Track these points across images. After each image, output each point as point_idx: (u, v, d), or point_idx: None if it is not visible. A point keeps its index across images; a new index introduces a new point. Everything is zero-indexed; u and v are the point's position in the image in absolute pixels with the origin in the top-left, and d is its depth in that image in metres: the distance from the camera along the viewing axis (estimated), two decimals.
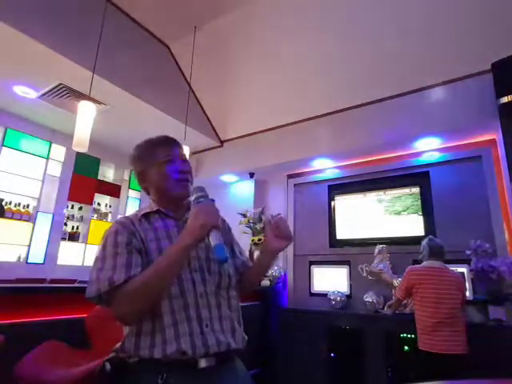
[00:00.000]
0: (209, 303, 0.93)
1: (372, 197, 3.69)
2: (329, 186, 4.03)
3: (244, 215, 4.09)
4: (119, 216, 4.87)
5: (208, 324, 0.90)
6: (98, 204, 4.74)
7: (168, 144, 1.06)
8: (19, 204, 3.87)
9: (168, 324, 0.87)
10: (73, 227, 4.40)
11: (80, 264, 4.30)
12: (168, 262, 0.85)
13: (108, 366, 0.93)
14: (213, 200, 0.93)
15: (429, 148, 3.37)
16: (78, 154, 4.21)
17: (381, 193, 3.64)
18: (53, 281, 3.51)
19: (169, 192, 1.02)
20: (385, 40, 3.02)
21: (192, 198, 0.94)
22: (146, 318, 0.88)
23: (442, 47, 2.86)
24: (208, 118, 4.34)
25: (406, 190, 3.50)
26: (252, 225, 4.04)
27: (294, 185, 4.30)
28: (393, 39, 2.99)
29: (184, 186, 1.02)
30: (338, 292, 3.39)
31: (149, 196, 1.09)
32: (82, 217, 4.50)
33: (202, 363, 0.87)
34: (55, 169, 4.21)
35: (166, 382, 0.84)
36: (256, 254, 3.90)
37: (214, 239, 0.85)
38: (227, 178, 4.52)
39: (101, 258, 0.89)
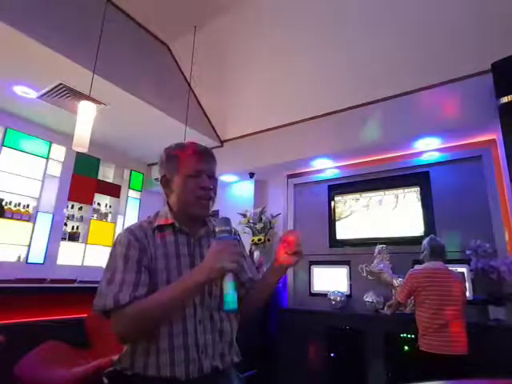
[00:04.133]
0: (205, 329, 0.93)
1: (372, 197, 3.70)
2: (329, 186, 4.03)
3: (244, 215, 4.09)
4: (120, 216, 4.87)
5: (203, 350, 0.90)
6: (98, 204, 4.74)
7: (198, 156, 1.00)
8: (19, 204, 3.87)
9: (163, 349, 0.87)
10: (73, 227, 4.39)
11: (80, 264, 4.30)
12: (174, 296, 0.84)
13: (106, 380, 0.94)
14: (236, 237, 0.87)
15: (429, 148, 3.36)
16: (78, 153, 4.20)
17: (381, 193, 3.65)
18: (53, 281, 3.50)
19: (187, 207, 0.99)
20: (384, 40, 3.02)
21: (216, 229, 0.89)
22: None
23: (441, 47, 2.86)
24: (208, 118, 4.34)
25: (406, 190, 3.50)
26: (252, 225, 4.04)
27: (294, 185, 4.30)
28: (392, 39, 2.99)
29: (204, 205, 0.98)
30: (338, 292, 3.39)
31: (167, 200, 1.05)
32: (81, 217, 4.50)
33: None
34: (55, 169, 4.21)
35: None
36: (256, 254, 3.90)
37: (227, 286, 0.80)
38: (227, 177, 4.51)
39: (111, 270, 0.89)
